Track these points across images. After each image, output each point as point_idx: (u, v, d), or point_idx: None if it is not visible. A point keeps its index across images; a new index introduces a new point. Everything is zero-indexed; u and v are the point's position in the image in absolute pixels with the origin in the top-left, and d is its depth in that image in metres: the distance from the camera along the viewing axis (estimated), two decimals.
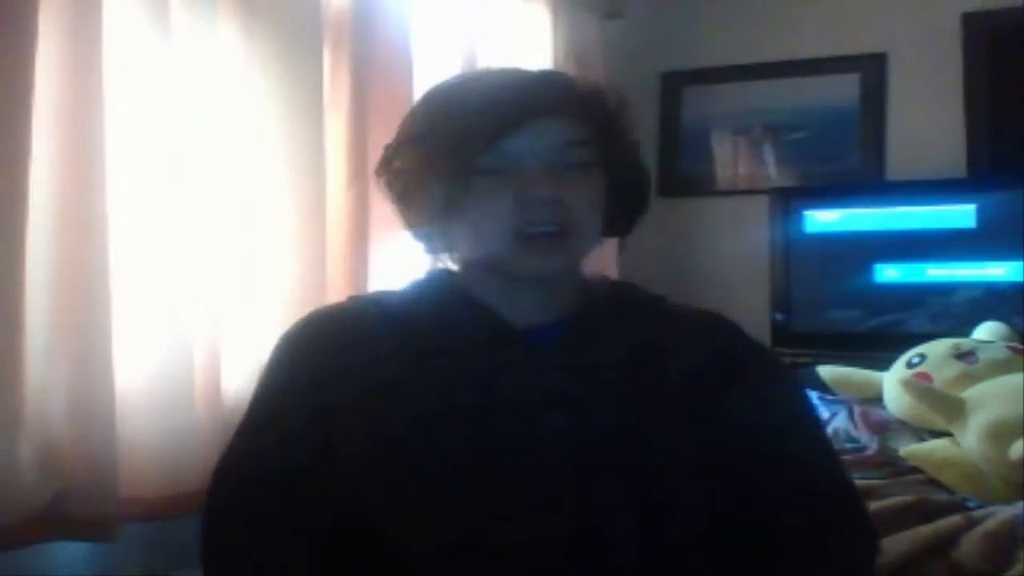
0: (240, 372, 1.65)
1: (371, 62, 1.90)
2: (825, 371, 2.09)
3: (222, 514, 0.99)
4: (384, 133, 1.95)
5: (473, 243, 1.01)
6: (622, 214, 1.06)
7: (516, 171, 0.97)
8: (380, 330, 1.01)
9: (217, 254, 1.59)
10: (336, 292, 1.79)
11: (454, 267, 1.08)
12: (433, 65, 2.16)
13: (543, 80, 1.03)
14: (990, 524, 1.44)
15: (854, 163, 2.90)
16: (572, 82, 1.04)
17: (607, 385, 0.99)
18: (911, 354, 2.00)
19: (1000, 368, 1.87)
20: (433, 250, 1.07)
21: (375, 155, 1.89)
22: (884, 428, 1.89)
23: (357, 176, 1.85)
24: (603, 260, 2.45)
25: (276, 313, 1.71)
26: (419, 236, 1.07)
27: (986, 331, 2.15)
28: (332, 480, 0.95)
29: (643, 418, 0.98)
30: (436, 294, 1.06)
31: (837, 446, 1.84)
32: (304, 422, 0.97)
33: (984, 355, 1.93)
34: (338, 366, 0.99)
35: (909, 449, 1.79)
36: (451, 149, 0.97)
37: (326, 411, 0.97)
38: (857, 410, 1.96)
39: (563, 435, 0.96)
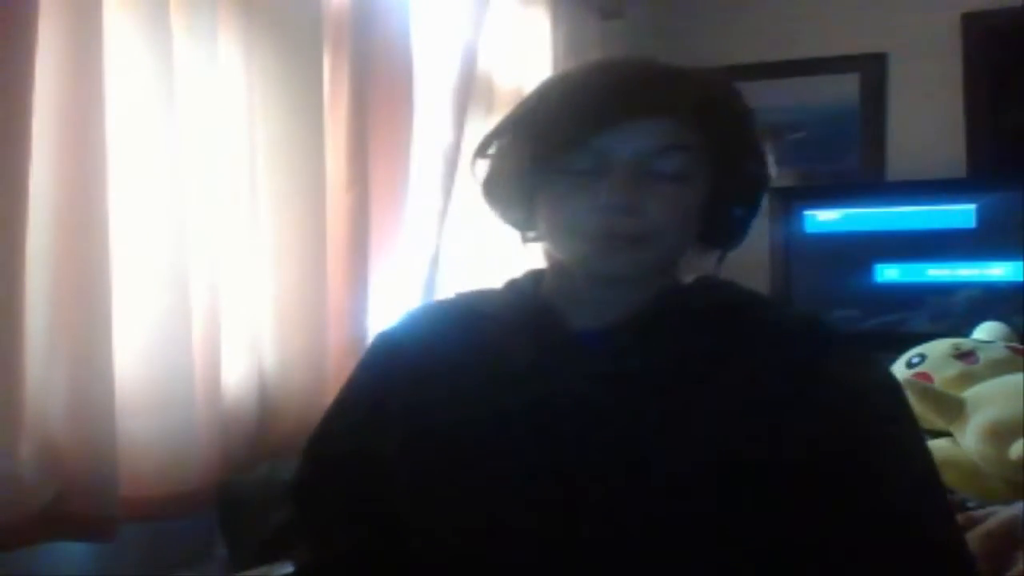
0: (240, 372, 1.65)
1: (371, 62, 1.90)
2: None
3: (301, 487, 1.08)
4: (384, 133, 1.98)
5: (549, 237, 0.99)
6: (723, 225, 1.00)
7: (603, 171, 0.93)
8: (453, 328, 1.04)
9: (217, 254, 1.59)
10: (336, 292, 1.80)
11: (544, 258, 1.06)
12: (433, 65, 2.16)
13: (652, 78, 0.96)
14: (990, 524, 1.44)
15: (854, 163, 2.90)
16: (685, 80, 0.97)
17: (639, 394, 0.93)
18: (911, 354, 2.01)
19: (1000, 368, 1.88)
20: (525, 239, 1.06)
21: (375, 156, 1.93)
22: None
23: (357, 177, 1.85)
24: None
25: (276, 314, 1.71)
26: (509, 223, 1.06)
27: (986, 331, 2.16)
28: (381, 472, 0.99)
29: (672, 429, 0.91)
30: (513, 294, 1.06)
31: None
32: (366, 414, 1.03)
33: (984, 355, 1.93)
34: (406, 362, 1.03)
35: None
36: (541, 140, 0.95)
37: (383, 405, 1.02)
38: None
39: (580, 442, 0.93)
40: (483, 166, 1.05)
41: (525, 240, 1.06)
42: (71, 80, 1.33)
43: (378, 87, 1.92)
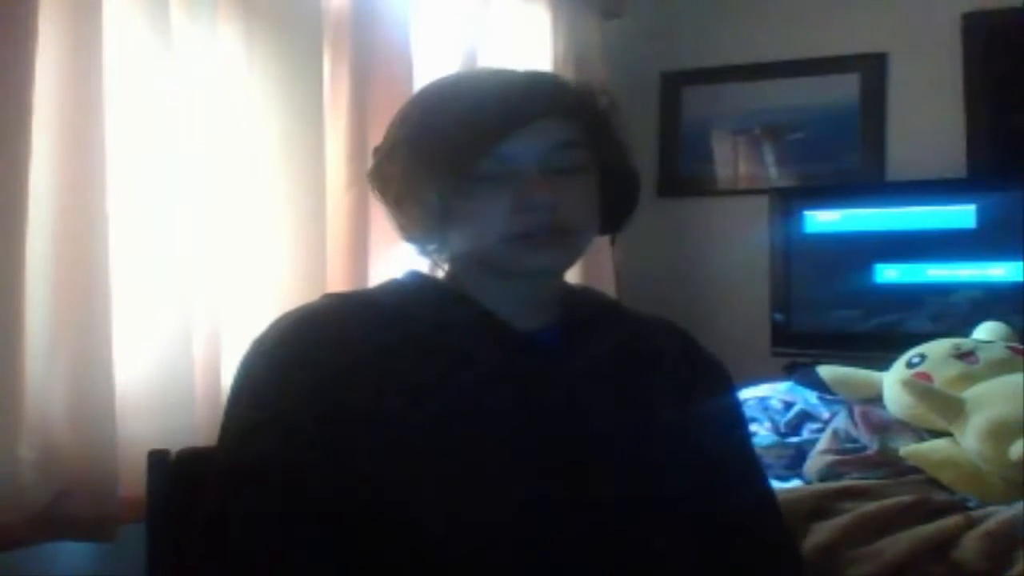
0: None
1: (371, 62, 1.90)
2: (825, 371, 2.09)
3: (226, 521, 0.91)
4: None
5: (469, 244, 1.01)
6: (613, 213, 1.07)
7: (512, 175, 0.97)
8: (376, 327, 0.99)
9: (217, 255, 1.59)
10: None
11: (443, 270, 1.08)
12: (433, 65, 2.16)
13: (534, 82, 1.02)
14: (990, 524, 1.44)
15: (854, 163, 2.90)
16: (562, 83, 1.05)
17: (604, 387, 1.01)
18: (911, 354, 2.00)
19: (1000, 368, 1.87)
20: (428, 254, 1.08)
21: None
22: (884, 428, 1.89)
23: (357, 177, 1.85)
24: (599, 258, 2.48)
25: (276, 314, 1.70)
26: (415, 241, 1.07)
27: (986, 331, 2.15)
28: (341, 479, 0.91)
29: (638, 419, 1.01)
30: (428, 292, 1.05)
31: (837, 446, 1.85)
32: (310, 422, 0.92)
33: (984, 355, 1.93)
34: (341, 362, 0.94)
35: (909, 449, 1.79)
36: (446, 155, 0.97)
37: (334, 409, 0.92)
38: (857, 410, 1.96)
39: (562, 437, 0.97)
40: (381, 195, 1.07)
41: (425, 253, 1.08)
42: (71, 80, 1.33)
43: (378, 87, 1.92)
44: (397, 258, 1.98)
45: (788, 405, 2.11)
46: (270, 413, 0.94)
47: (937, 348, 1.98)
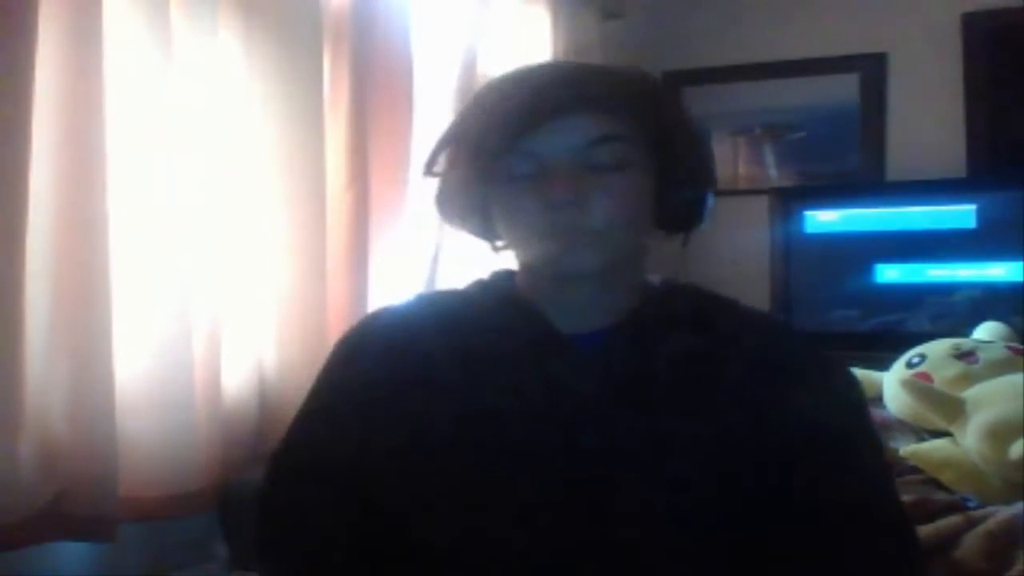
0: (240, 372, 1.66)
1: (371, 62, 1.90)
2: None
3: (274, 499, 1.04)
4: (384, 133, 1.98)
5: (508, 244, 1.01)
6: (676, 209, 1.02)
7: (540, 173, 0.94)
8: (432, 330, 1.02)
9: (217, 254, 1.59)
10: (336, 292, 1.79)
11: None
12: (433, 65, 2.16)
13: (571, 76, 0.98)
14: (990, 524, 1.44)
15: (854, 163, 2.90)
16: (606, 75, 0.99)
17: (642, 397, 0.96)
18: (911, 354, 2.01)
19: (1000, 368, 1.87)
20: (496, 251, 1.07)
21: (375, 156, 1.93)
22: (884, 428, 1.89)
23: (357, 176, 1.85)
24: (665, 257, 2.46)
25: (276, 314, 1.71)
26: (483, 239, 1.06)
27: (986, 331, 2.15)
28: (369, 474, 0.98)
29: (673, 432, 0.94)
30: (490, 295, 1.05)
31: None
32: (351, 418, 1.00)
33: (984, 355, 1.93)
34: (387, 364, 1.00)
35: (909, 449, 1.79)
36: (475, 152, 0.96)
37: (370, 407, 0.99)
38: None
39: (589, 447, 0.94)
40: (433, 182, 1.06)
41: (495, 249, 1.07)
42: (71, 79, 1.33)
43: (378, 87, 1.92)
44: (397, 257, 1.99)
45: None
46: (315, 404, 1.05)
47: (937, 348, 1.98)
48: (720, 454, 0.94)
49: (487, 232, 1.05)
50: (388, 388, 0.99)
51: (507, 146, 0.95)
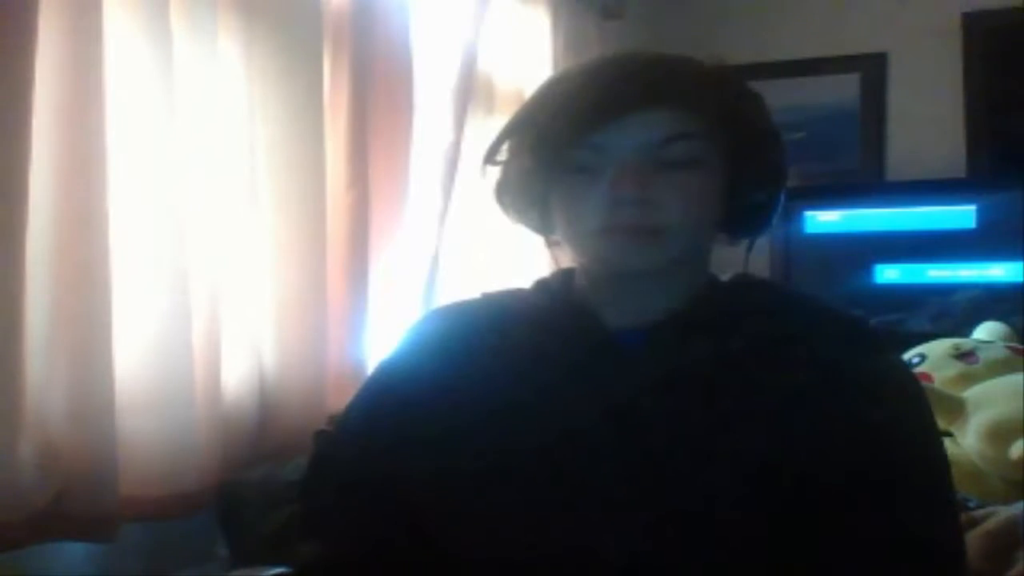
0: (240, 372, 1.65)
1: (371, 62, 1.90)
2: None
3: (304, 483, 1.08)
4: (384, 133, 1.98)
5: (565, 238, 0.98)
6: (747, 211, 0.99)
7: (605, 168, 0.91)
8: (484, 331, 1.01)
9: (217, 254, 1.59)
10: (336, 292, 1.80)
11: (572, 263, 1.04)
12: (433, 65, 2.16)
13: (649, 69, 0.94)
14: (990, 524, 1.44)
15: (854, 163, 2.90)
16: (685, 70, 0.95)
17: (677, 397, 0.92)
18: (911, 354, 2.00)
19: (1000, 368, 1.87)
20: (551, 246, 1.04)
21: (375, 156, 1.93)
22: None
23: (357, 177, 1.85)
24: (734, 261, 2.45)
25: (276, 314, 1.71)
26: (525, 227, 1.04)
27: (986, 331, 2.15)
28: (406, 477, 0.97)
29: (711, 438, 0.90)
30: (544, 294, 1.04)
31: None
32: (392, 419, 1.00)
33: (984, 355, 1.93)
34: (436, 363, 1.01)
35: None
36: (540, 143, 0.94)
37: (409, 406, 0.99)
38: None
39: (616, 448, 0.91)
40: (494, 171, 1.03)
41: (549, 244, 1.04)
42: (71, 80, 1.33)
43: (378, 87, 1.92)
44: (397, 257, 1.99)
45: None
46: (358, 403, 1.06)
47: (937, 348, 1.98)
48: (761, 463, 0.88)
49: (544, 227, 1.02)
50: (433, 389, 0.99)
51: (574, 139, 0.92)
